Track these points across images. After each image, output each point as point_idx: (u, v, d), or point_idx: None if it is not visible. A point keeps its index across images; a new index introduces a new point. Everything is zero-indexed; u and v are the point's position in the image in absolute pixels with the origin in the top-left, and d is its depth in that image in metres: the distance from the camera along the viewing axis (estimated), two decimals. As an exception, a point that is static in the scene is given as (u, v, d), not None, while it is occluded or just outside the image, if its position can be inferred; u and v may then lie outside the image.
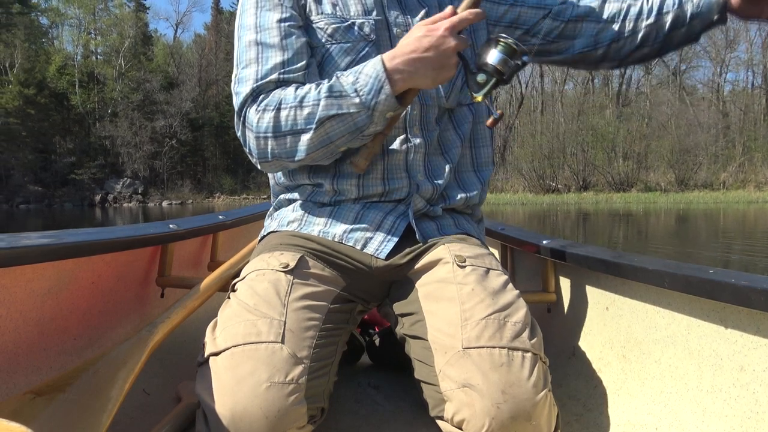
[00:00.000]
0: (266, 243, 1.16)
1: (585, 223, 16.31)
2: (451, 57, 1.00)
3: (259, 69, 1.08)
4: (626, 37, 1.24)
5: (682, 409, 1.02)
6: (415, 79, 1.01)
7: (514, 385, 0.88)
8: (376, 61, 1.01)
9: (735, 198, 31.58)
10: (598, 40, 1.26)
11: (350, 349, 1.46)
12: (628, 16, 1.24)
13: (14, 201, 38.11)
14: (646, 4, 1.23)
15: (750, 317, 0.91)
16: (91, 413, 0.89)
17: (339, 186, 1.12)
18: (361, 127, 1.03)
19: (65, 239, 1.09)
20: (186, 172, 45.48)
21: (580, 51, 1.27)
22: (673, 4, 1.21)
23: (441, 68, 1.01)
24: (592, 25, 1.25)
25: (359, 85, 1.01)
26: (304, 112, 1.02)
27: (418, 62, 1.00)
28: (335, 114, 1.01)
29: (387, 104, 1.01)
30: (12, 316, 1.05)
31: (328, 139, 1.04)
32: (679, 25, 1.21)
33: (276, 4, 1.11)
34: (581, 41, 1.27)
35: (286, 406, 0.85)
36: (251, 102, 1.07)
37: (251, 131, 1.07)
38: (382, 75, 1.00)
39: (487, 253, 1.13)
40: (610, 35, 1.25)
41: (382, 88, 1.00)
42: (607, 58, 1.28)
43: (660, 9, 1.22)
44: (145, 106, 43.86)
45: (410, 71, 1.00)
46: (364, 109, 1.01)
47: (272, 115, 1.04)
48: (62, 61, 44.48)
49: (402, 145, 1.13)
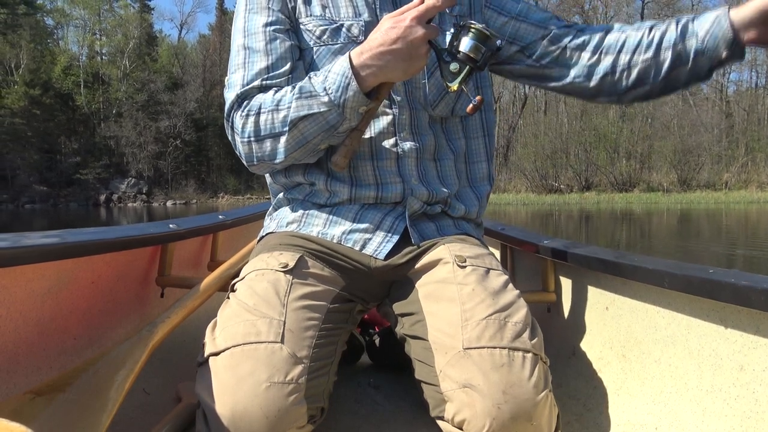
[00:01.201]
0: (265, 243, 1.16)
1: (587, 224, 16.31)
2: (419, 47, 0.99)
3: (245, 74, 1.10)
4: (622, 72, 1.15)
5: (682, 408, 1.01)
6: (386, 73, 1.00)
7: (515, 386, 0.88)
8: (344, 58, 1.02)
9: (736, 198, 31.55)
10: (592, 72, 1.17)
11: (350, 349, 1.46)
12: (623, 49, 1.14)
13: (20, 201, 38.25)
14: (646, 38, 1.13)
15: (750, 317, 0.91)
16: (91, 413, 0.89)
17: (333, 187, 1.13)
18: (334, 125, 1.03)
19: (65, 239, 1.09)
20: (190, 172, 45.54)
21: (572, 81, 1.20)
22: (675, 39, 1.10)
23: (410, 59, 0.99)
24: (588, 56, 1.17)
25: (328, 83, 1.01)
26: (280, 115, 1.04)
27: (386, 55, 0.99)
28: (306, 114, 1.02)
29: (356, 100, 1.01)
30: (12, 316, 1.05)
31: (304, 139, 1.05)
32: (683, 62, 1.10)
33: (263, 7, 1.13)
34: (575, 71, 1.19)
35: (285, 406, 0.85)
36: (237, 107, 1.09)
37: (238, 135, 1.10)
38: (348, 72, 1.00)
39: (487, 253, 1.13)
40: (604, 68, 1.16)
41: (349, 85, 1.00)
42: (603, 92, 1.19)
43: (659, 43, 1.11)
44: (149, 106, 43.94)
45: (379, 65, 0.99)
46: (333, 107, 1.01)
47: (253, 120, 1.07)
48: (67, 62, 44.60)
49: (392, 149, 1.13)
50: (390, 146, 1.13)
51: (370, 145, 1.13)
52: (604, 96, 1.20)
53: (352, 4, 1.15)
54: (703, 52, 1.08)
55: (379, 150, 1.13)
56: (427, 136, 1.17)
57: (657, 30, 1.13)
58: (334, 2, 1.15)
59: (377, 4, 1.16)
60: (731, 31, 1.04)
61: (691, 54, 1.09)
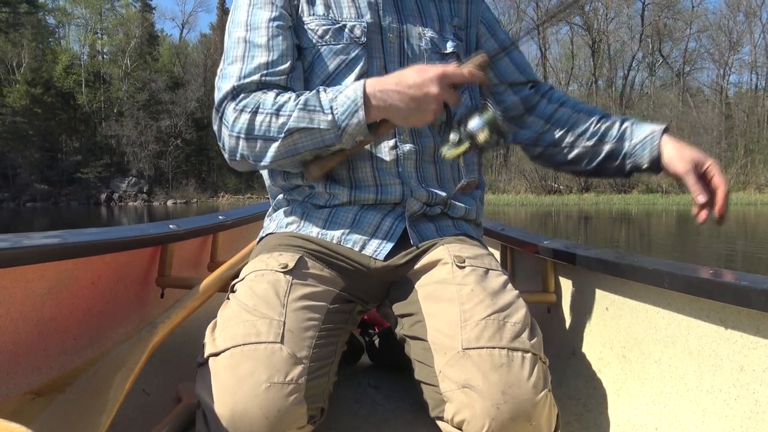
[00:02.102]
0: (265, 244, 1.16)
1: (586, 224, 16.33)
2: (430, 102, 0.98)
3: (243, 67, 1.08)
4: (563, 148, 1.27)
5: (682, 409, 1.01)
6: (389, 111, 1.00)
7: (514, 386, 0.88)
8: (358, 85, 1.01)
9: (733, 200, 31.51)
10: (540, 139, 1.30)
11: (350, 349, 1.46)
12: (571, 131, 1.27)
13: (21, 199, 38.34)
14: (592, 127, 1.25)
15: (750, 317, 0.91)
16: (91, 413, 0.89)
17: (332, 190, 1.13)
18: (328, 144, 1.03)
19: (65, 240, 1.09)
20: (191, 172, 45.61)
21: (521, 140, 1.32)
22: (614, 138, 1.23)
23: (417, 110, 0.99)
24: (541, 123, 1.30)
25: (336, 103, 1.01)
26: (279, 120, 1.03)
27: (396, 95, 0.99)
28: (305, 127, 1.02)
29: (357, 129, 1.00)
30: (12, 316, 1.05)
31: (295, 150, 1.04)
32: (614, 158, 1.23)
33: (267, 2, 1.11)
34: (526, 133, 1.31)
35: (285, 407, 0.85)
36: (230, 100, 1.07)
37: (227, 128, 1.08)
38: (359, 99, 0.99)
39: (486, 253, 1.13)
40: (550, 139, 1.29)
41: (356, 112, 0.99)
42: (543, 158, 1.32)
43: (602, 137, 1.24)
44: (150, 105, 44.00)
45: (387, 102, 0.99)
46: (333, 128, 1.01)
47: (248, 117, 1.05)
48: (69, 61, 44.70)
49: (391, 151, 1.13)
50: (390, 148, 1.13)
51: (370, 147, 1.12)
52: (542, 161, 1.34)
53: (355, 5, 1.15)
54: (630, 156, 1.22)
55: (379, 152, 1.13)
56: (426, 138, 1.17)
57: (603, 124, 1.25)
58: (337, 2, 1.15)
59: (380, 6, 1.16)
60: (657, 150, 1.18)
61: (621, 154, 1.22)
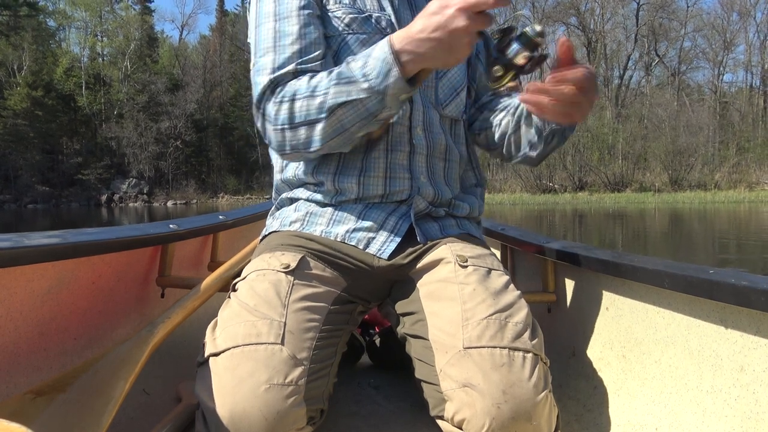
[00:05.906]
0: (267, 243, 1.15)
1: (580, 222, 16.42)
2: (461, 38, 0.91)
3: (276, 58, 1.06)
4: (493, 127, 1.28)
5: (682, 409, 1.01)
6: (426, 60, 0.95)
7: (515, 386, 0.88)
8: (383, 44, 0.96)
9: (722, 198, 31.97)
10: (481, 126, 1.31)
11: (350, 349, 1.46)
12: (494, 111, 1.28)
13: (22, 201, 38.32)
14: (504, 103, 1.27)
15: (750, 317, 0.91)
16: (91, 413, 0.89)
17: (340, 185, 1.12)
18: (374, 112, 0.99)
19: (65, 239, 1.09)
20: (191, 173, 45.58)
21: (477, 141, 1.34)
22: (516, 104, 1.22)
23: (451, 50, 0.92)
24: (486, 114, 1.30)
25: (368, 69, 0.96)
26: (316, 101, 1.00)
27: (426, 42, 0.92)
28: (345, 101, 0.98)
29: (397, 87, 0.96)
30: (12, 316, 1.05)
31: (342, 127, 1.01)
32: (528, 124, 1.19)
33: None
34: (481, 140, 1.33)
35: (285, 408, 0.85)
36: (269, 94, 1.05)
37: (270, 123, 1.06)
38: (390, 58, 0.94)
39: (488, 253, 1.13)
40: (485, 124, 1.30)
41: (390, 71, 0.95)
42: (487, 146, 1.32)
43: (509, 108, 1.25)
44: (150, 107, 43.97)
45: (419, 53, 0.93)
46: (374, 94, 0.97)
47: (288, 106, 1.03)
48: (69, 63, 44.68)
49: (406, 145, 1.13)
50: (404, 140, 1.13)
51: (386, 136, 1.12)
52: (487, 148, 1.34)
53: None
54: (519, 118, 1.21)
55: (394, 142, 1.13)
56: (438, 135, 1.18)
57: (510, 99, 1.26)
58: None
59: (396, 3, 1.17)
60: None
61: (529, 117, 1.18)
